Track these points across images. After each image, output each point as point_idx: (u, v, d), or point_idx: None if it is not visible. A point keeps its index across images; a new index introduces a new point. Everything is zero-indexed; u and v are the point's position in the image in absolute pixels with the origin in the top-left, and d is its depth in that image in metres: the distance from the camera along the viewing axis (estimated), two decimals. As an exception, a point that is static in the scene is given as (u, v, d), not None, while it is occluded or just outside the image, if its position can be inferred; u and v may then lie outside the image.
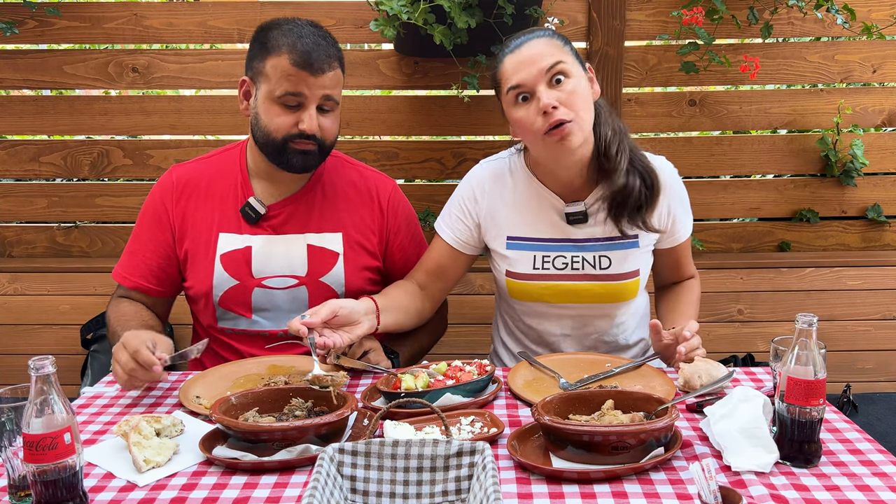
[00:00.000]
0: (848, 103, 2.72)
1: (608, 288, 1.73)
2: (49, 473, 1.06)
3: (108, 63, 2.69)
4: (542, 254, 1.74)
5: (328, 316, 1.52)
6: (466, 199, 1.79)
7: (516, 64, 1.60)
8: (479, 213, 1.78)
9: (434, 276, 1.81)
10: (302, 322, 1.49)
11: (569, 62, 1.60)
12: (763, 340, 2.70)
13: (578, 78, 1.61)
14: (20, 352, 2.69)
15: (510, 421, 1.39)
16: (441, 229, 1.82)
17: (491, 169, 1.80)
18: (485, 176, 1.80)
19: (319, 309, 1.53)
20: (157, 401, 1.53)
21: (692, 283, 1.90)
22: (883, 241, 2.85)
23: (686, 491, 1.13)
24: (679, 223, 1.78)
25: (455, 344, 2.54)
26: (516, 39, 1.64)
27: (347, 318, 1.57)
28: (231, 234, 1.77)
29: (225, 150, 1.85)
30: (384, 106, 2.74)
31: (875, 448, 1.27)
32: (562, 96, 1.58)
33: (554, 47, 1.61)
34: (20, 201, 2.78)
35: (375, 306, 1.65)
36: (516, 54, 1.61)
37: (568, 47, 1.64)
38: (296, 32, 1.64)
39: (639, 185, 1.67)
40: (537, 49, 1.60)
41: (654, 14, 2.65)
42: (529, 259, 1.75)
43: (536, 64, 1.58)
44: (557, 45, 1.62)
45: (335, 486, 1.06)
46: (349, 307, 1.57)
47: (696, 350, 1.54)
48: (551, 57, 1.58)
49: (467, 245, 1.81)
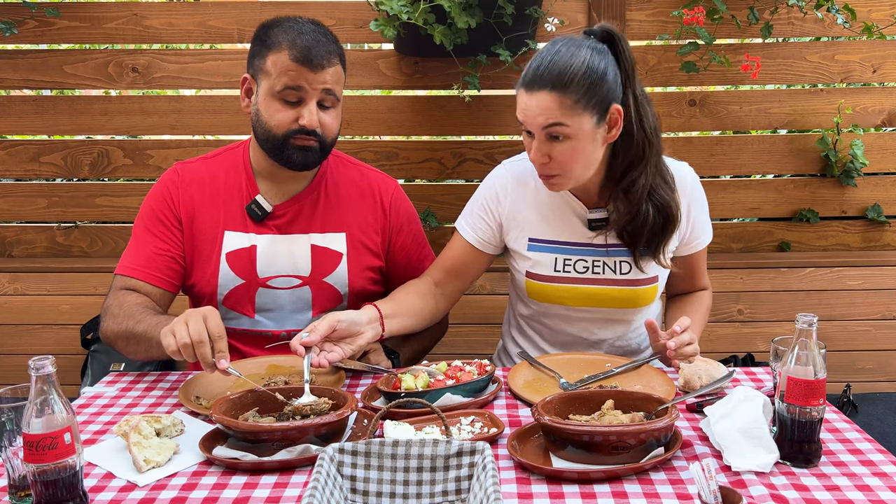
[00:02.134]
0: (848, 103, 2.72)
1: (627, 293, 1.73)
2: (49, 473, 1.06)
3: (108, 63, 2.68)
4: (563, 257, 1.74)
5: (327, 331, 1.50)
6: (489, 198, 1.79)
7: (523, 105, 1.57)
8: (502, 213, 1.78)
9: (452, 274, 1.80)
10: (301, 342, 1.48)
11: (571, 124, 1.54)
12: (763, 340, 2.70)
13: (579, 138, 1.55)
14: (20, 352, 2.69)
15: (510, 421, 1.39)
16: (462, 228, 1.81)
17: (514, 170, 1.79)
18: (507, 177, 1.79)
19: (318, 325, 1.51)
20: (157, 401, 1.53)
21: (703, 294, 1.89)
22: (883, 241, 2.85)
23: (686, 491, 1.13)
24: (698, 230, 1.77)
25: (455, 344, 2.54)
26: (535, 71, 1.55)
27: (348, 331, 1.54)
28: (236, 233, 1.76)
29: (228, 150, 1.85)
30: (384, 106, 2.74)
31: (875, 448, 1.27)
32: (555, 153, 1.57)
33: (559, 106, 1.53)
34: (20, 201, 2.78)
35: (379, 314, 1.62)
36: (525, 96, 1.56)
37: (582, 102, 1.53)
38: (296, 29, 1.64)
39: (652, 217, 1.65)
40: (543, 103, 1.53)
41: (654, 14, 2.65)
42: (551, 261, 1.74)
43: (536, 118, 1.55)
44: (566, 102, 1.53)
45: (335, 486, 1.06)
46: (348, 319, 1.54)
47: (688, 346, 1.52)
48: (552, 117, 1.54)
49: (488, 245, 1.80)
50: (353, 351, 1.55)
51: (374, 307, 1.63)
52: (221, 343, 1.40)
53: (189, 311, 1.45)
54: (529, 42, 2.44)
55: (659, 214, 1.66)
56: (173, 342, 1.40)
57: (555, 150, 1.57)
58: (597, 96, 1.55)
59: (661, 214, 1.67)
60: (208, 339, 1.39)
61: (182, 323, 1.42)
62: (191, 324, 1.40)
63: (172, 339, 1.41)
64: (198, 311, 1.43)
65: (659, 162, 1.68)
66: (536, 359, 1.66)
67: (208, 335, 1.39)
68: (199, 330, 1.39)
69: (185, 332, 1.39)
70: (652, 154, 1.64)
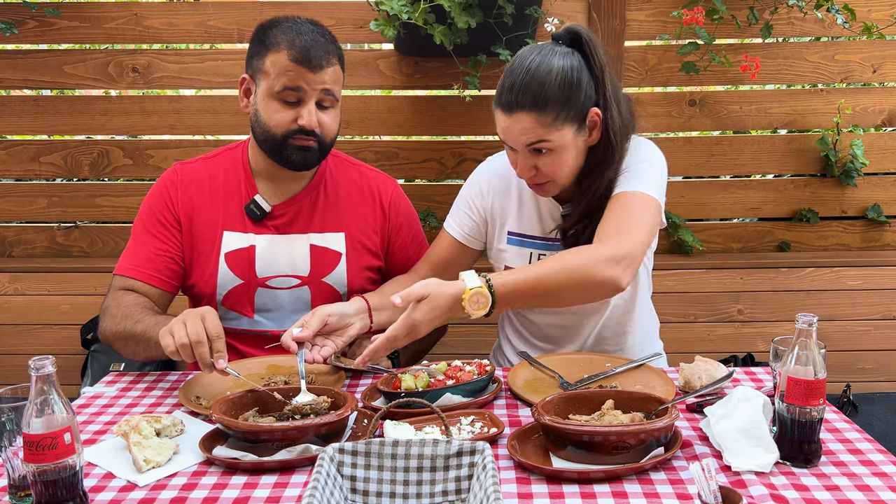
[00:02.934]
0: (848, 103, 2.72)
1: None
2: (49, 473, 1.06)
3: (108, 63, 2.68)
4: (538, 251, 1.76)
5: (319, 326, 1.54)
6: (473, 195, 1.82)
7: (503, 126, 1.57)
8: (486, 208, 1.81)
9: (439, 270, 1.81)
10: (293, 338, 1.50)
11: (553, 139, 1.54)
12: (763, 340, 2.70)
13: (562, 149, 1.57)
14: (20, 352, 2.69)
15: (510, 421, 1.39)
16: (448, 224, 1.85)
17: (496, 165, 1.83)
18: (490, 172, 1.83)
19: (310, 320, 1.54)
20: (157, 401, 1.53)
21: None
22: (883, 241, 2.85)
23: (686, 491, 1.13)
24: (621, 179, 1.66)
25: (455, 344, 2.54)
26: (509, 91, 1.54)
27: (338, 323, 1.59)
28: (235, 233, 1.77)
29: (227, 150, 1.85)
30: (384, 106, 2.74)
31: (875, 448, 1.27)
32: (540, 164, 1.59)
33: (539, 125, 1.53)
34: (20, 201, 2.78)
35: (367, 305, 1.66)
36: (504, 117, 1.56)
37: (561, 116, 1.53)
38: (295, 29, 1.64)
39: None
40: (523, 124, 1.54)
41: (654, 14, 2.65)
42: (526, 255, 1.77)
43: (518, 138, 1.56)
44: (545, 120, 1.53)
45: (335, 486, 1.06)
46: (338, 312, 1.59)
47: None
48: (534, 135, 1.54)
49: (473, 239, 1.83)
50: (344, 342, 1.58)
51: (362, 299, 1.66)
52: (219, 343, 1.41)
53: (187, 311, 1.45)
54: (529, 42, 2.44)
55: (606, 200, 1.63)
56: (171, 343, 1.41)
57: (540, 161, 1.59)
58: (574, 107, 1.55)
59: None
60: (206, 340, 1.39)
61: (180, 323, 1.42)
62: (189, 324, 1.41)
63: (171, 340, 1.41)
64: (196, 312, 1.43)
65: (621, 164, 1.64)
66: (536, 359, 1.66)
67: (206, 335, 1.40)
68: (197, 330, 1.39)
69: (183, 333, 1.40)
70: (614, 160, 1.63)
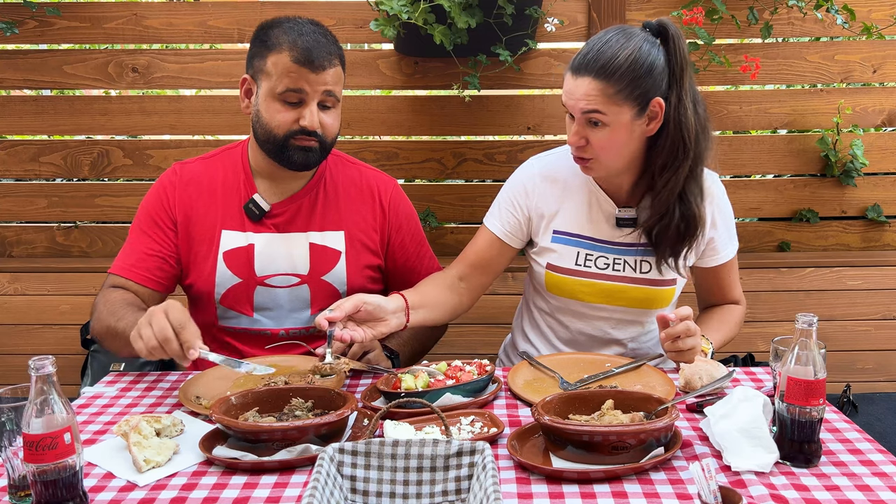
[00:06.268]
0: (848, 103, 2.72)
1: (644, 292, 1.73)
2: (49, 473, 1.06)
3: (108, 63, 2.68)
4: (585, 251, 1.74)
5: (352, 310, 1.51)
6: (517, 193, 1.79)
7: (568, 88, 1.59)
8: (530, 206, 1.78)
9: (477, 268, 1.80)
10: (326, 317, 1.48)
11: (609, 112, 1.55)
12: (763, 340, 2.69)
13: (616, 127, 1.56)
14: (20, 352, 2.69)
15: (510, 421, 1.39)
16: (489, 221, 1.81)
17: (542, 165, 1.80)
18: (535, 172, 1.79)
19: (343, 303, 1.52)
20: (157, 401, 1.53)
21: (732, 306, 1.86)
22: (883, 241, 2.85)
23: (686, 491, 1.13)
24: (719, 245, 1.76)
25: (455, 344, 2.54)
26: (583, 57, 1.56)
27: (373, 314, 1.56)
28: (234, 232, 1.77)
29: (227, 150, 1.85)
30: (384, 106, 2.74)
31: (875, 448, 1.27)
32: (592, 138, 1.59)
33: (600, 94, 1.54)
34: (20, 201, 2.78)
35: (405, 303, 1.64)
36: (571, 80, 1.58)
37: (623, 93, 1.54)
38: (296, 30, 1.64)
39: (677, 222, 1.64)
40: (585, 89, 1.55)
41: (654, 14, 2.65)
42: (573, 255, 1.75)
43: (577, 102, 1.57)
44: (608, 91, 1.54)
45: (335, 486, 1.06)
46: (375, 302, 1.56)
47: (687, 339, 1.52)
48: (592, 103, 1.55)
49: (515, 238, 1.80)
50: (374, 336, 1.56)
51: (400, 296, 1.64)
52: (185, 333, 1.39)
53: (151, 309, 1.43)
54: (529, 42, 2.44)
55: (683, 221, 1.65)
56: (142, 346, 1.40)
57: (592, 135, 1.58)
58: (639, 89, 1.55)
59: (685, 222, 1.65)
60: (174, 335, 1.38)
61: (146, 325, 1.41)
62: (154, 323, 1.40)
63: (141, 343, 1.41)
64: (158, 308, 1.42)
65: (697, 168, 1.64)
66: (536, 359, 1.66)
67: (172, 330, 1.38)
68: (162, 327, 1.38)
69: (150, 334, 1.39)
70: (687, 158, 1.61)
